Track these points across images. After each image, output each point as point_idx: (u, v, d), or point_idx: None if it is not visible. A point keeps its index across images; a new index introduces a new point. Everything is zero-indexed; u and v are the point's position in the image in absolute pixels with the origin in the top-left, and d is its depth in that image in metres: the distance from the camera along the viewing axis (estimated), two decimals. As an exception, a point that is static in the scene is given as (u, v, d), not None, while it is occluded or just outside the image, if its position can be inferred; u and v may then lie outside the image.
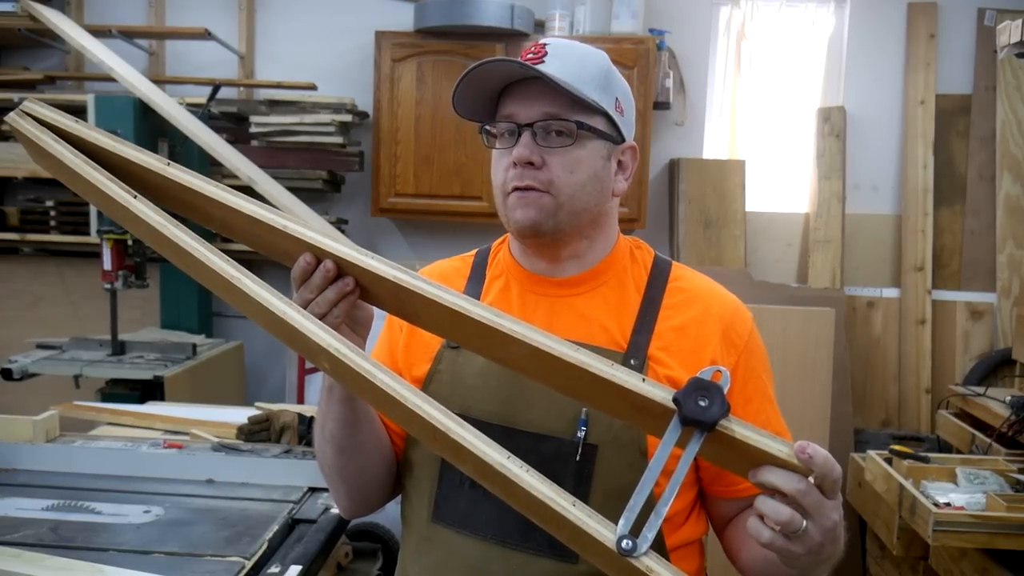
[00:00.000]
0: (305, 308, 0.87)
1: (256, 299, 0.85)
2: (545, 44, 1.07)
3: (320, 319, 0.87)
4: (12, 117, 0.92)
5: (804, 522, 0.78)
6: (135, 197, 0.88)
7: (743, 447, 0.77)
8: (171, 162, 0.90)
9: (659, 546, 1.05)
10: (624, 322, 1.09)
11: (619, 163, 1.12)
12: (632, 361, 1.05)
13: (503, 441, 0.92)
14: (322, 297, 0.88)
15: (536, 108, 1.04)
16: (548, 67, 1.03)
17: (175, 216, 0.90)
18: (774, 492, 0.78)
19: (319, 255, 0.88)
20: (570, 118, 1.04)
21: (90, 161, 0.89)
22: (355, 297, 0.90)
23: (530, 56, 1.05)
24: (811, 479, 0.78)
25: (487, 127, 1.10)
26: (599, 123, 1.07)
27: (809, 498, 0.78)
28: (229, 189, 0.90)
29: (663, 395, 0.79)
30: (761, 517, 0.80)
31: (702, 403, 0.76)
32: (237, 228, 0.91)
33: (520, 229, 1.08)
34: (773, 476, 0.77)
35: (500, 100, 1.09)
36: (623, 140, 1.11)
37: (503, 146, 1.08)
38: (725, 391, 0.77)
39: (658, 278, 1.13)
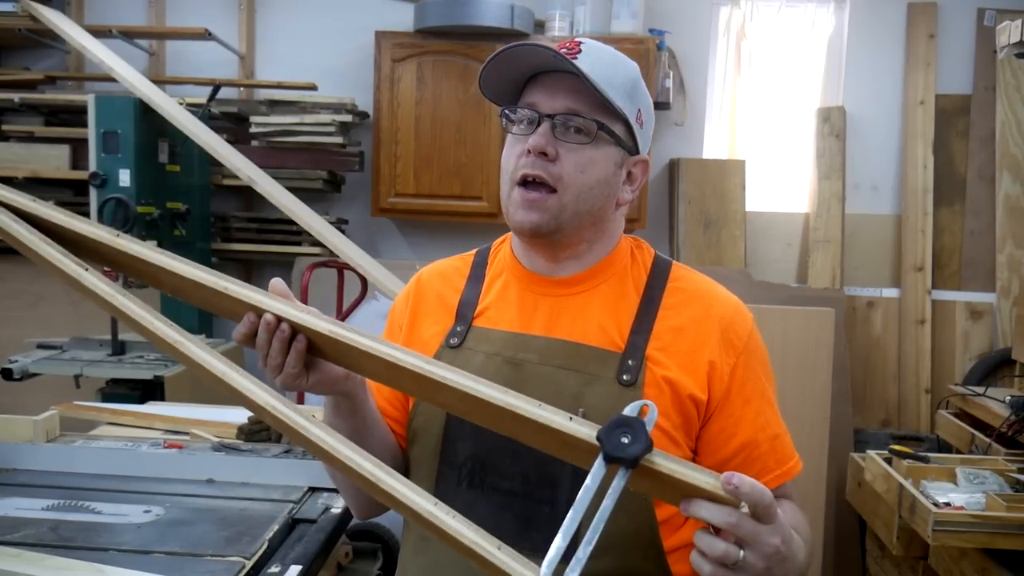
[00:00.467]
0: (264, 363, 0.94)
1: (199, 362, 0.92)
2: (580, 42, 1.07)
3: (279, 372, 0.93)
4: None
5: (741, 552, 0.79)
6: (86, 270, 0.96)
7: (671, 480, 0.79)
8: (120, 233, 0.98)
9: (657, 551, 1.05)
10: (622, 322, 1.09)
11: (629, 174, 1.12)
12: (630, 361, 1.05)
13: (500, 441, 0.92)
14: (272, 349, 0.92)
15: (560, 101, 1.04)
16: (580, 64, 1.02)
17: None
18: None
19: (259, 313, 0.93)
20: (592, 116, 1.04)
21: (45, 238, 0.97)
22: (301, 345, 0.93)
23: (564, 50, 1.05)
24: (743, 508, 0.79)
25: (508, 111, 1.09)
26: (618, 129, 1.07)
27: (743, 528, 0.78)
28: (176, 257, 0.96)
29: (587, 432, 0.81)
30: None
31: (624, 440, 0.78)
32: (185, 291, 0.97)
33: (519, 229, 1.09)
34: (702, 510, 0.78)
35: (525, 87, 1.09)
36: (637, 152, 1.11)
37: (520, 132, 1.08)
38: (650, 427, 0.78)
39: (658, 278, 1.13)
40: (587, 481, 0.78)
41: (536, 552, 1.03)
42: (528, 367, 1.07)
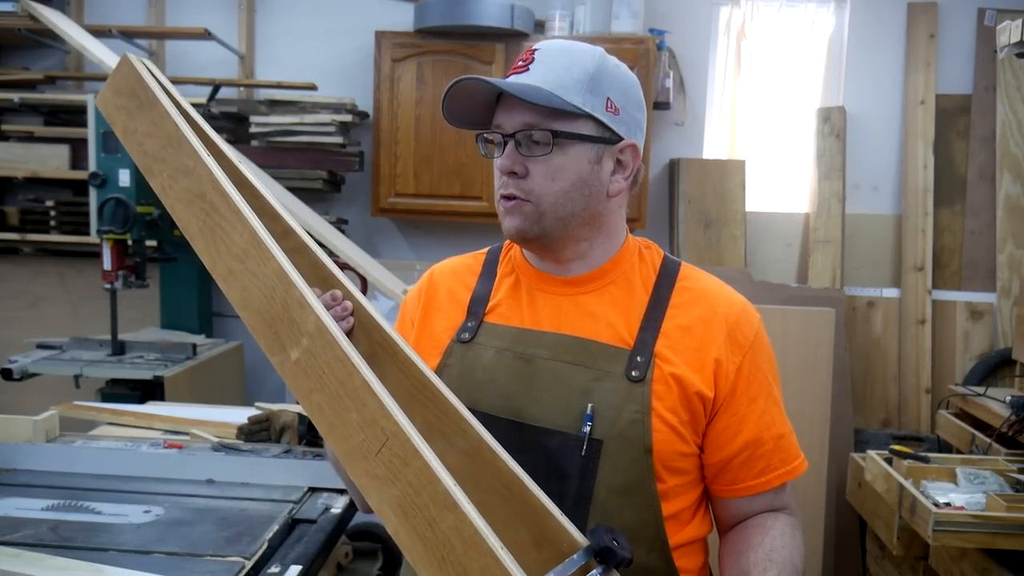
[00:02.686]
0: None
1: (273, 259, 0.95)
2: (536, 50, 1.08)
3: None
4: (132, 57, 1.06)
5: None
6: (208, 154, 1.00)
7: None
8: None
9: (662, 545, 1.05)
10: (631, 320, 1.10)
11: (618, 162, 1.12)
12: (638, 358, 1.06)
13: (510, 434, 0.93)
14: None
15: (516, 118, 1.06)
16: (532, 75, 1.05)
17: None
18: None
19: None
20: (547, 127, 1.05)
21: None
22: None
23: (519, 63, 1.08)
24: None
25: (483, 137, 1.12)
26: (584, 127, 1.06)
27: None
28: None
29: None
30: None
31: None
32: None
33: (508, 235, 1.11)
34: None
35: (497, 107, 1.10)
36: (619, 139, 1.10)
37: (495, 155, 1.10)
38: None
39: (666, 278, 1.14)
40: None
41: None
42: (538, 362, 1.09)
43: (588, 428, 1.03)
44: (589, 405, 1.04)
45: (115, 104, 1.05)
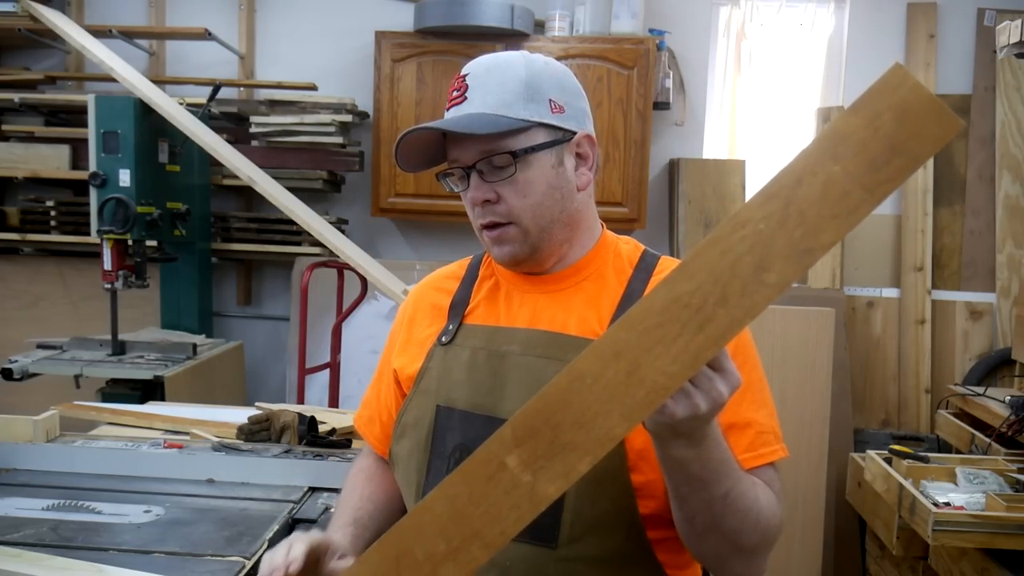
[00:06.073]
0: None
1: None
2: (465, 76, 1.10)
3: None
4: None
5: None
6: None
7: None
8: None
9: (639, 534, 1.04)
10: (603, 312, 1.11)
11: (578, 155, 1.13)
12: None
13: (485, 430, 0.94)
14: None
15: (472, 149, 1.08)
16: (471, 103, 1.07)
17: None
18: None
19: None
20: (504, 149, 1.06)
21: None
22: None
23: (454, 94, 1.10)
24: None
25: (443, 177, 1.14)
26: (537, 136, 1.08)
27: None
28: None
29: None
30: None
31: None
32: None
33: (501, 263, 1.14)
34: None
35: (446, 144, 1.12)
36: (573, 134, 1.11)
37: (460, 189, 1.13)
38: None
39: (643, 272, 1.14)
40: None
41: (520, 538, 1.03)
42: (511, 358, 1.11)
43: None
44: None
45: None
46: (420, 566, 0.76)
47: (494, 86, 1.07)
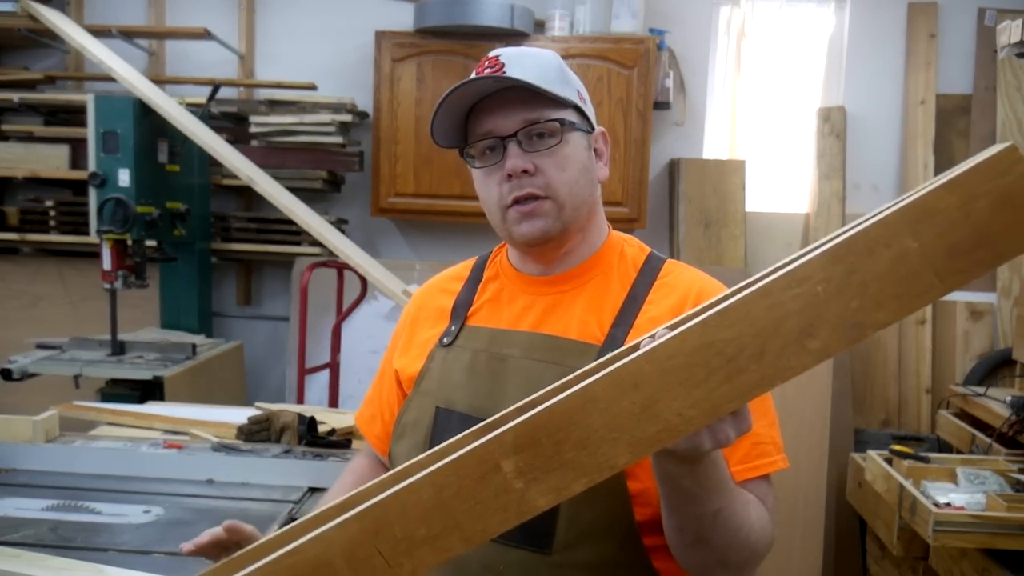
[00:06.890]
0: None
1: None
2: (498, 55, 1.09)
3: None
4: None
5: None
6: None
7: None
8: None
9: (635, 541, 1.03)
10: (604, 317, 1.10)
11: (595, 151, 1.15)
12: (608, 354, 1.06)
13: None
14: None
15: (514, 118, 1.07)
16: (509, 73, 1.05)
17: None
18: None
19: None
20: (550, 117, 1.07)
21: None
22: None
23: (489, 70, 1.07)
24: None
25: (467, 150, 1.11)
26: (572, 116, 1.10)
27: None
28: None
29: None
30: None
31: None
32: None
33: (529, 241, 1.10)
34: None
35: (469, 120, 1.10)
36: (593, 128, 1.14)
37: (486, 163, 1.10)
38: None
39: (647, 275, 1.13)
40: None
41: (514, 543, 1.03)
42: (511, 362, 1.10)
43: None
44: None
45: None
46: (397, 543, 0.76)
47: (531, 65, 1.07)
